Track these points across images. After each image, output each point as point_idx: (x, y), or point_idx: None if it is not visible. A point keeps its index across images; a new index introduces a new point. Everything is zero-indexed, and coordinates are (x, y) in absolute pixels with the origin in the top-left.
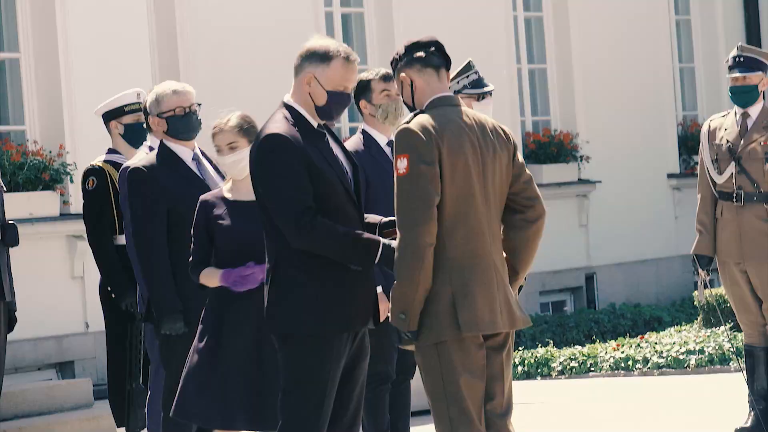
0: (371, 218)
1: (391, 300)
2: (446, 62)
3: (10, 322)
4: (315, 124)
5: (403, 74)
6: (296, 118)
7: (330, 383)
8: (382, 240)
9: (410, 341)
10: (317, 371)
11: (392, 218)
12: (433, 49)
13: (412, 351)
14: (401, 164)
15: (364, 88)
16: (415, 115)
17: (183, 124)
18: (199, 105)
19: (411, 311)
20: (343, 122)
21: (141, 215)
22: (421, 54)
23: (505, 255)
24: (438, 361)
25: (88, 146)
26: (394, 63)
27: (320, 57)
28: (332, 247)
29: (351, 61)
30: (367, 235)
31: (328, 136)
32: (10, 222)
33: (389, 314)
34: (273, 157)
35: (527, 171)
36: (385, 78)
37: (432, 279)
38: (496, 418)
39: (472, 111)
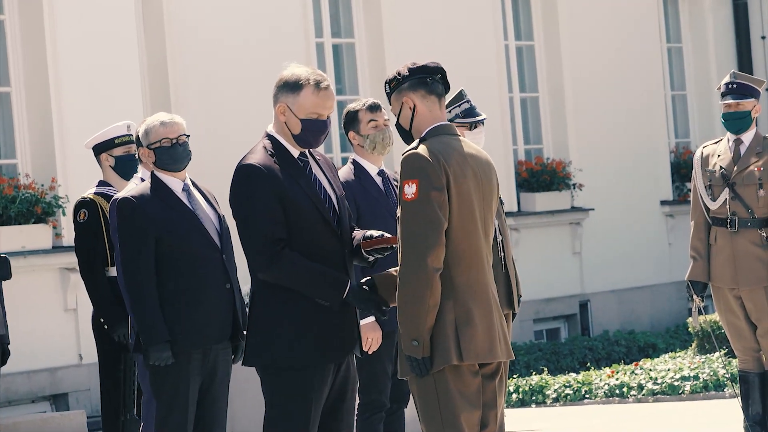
0: (357, 233)
1: (401, 326)
2: (447, 91)
3: (4, 356)
4: (296, 154)
5: (405, 97)
6: (276, 148)
7: (313, 414)
8: (350, 280)
9: (423, 368)
10: (300, 402)
11: (374, 231)
12: (439, 76)
13: (406, 379)
14: (409, 189)
15: (351, 119)
16: (420, 142)
17: (169, 155)
18: (188, 136)
19: (422, 336)
20: (335, 152)
21: (129, 245)
22: (427, 80)
23: None
24: (435, 388)
25: (80, 179)
26: (395, 83)
27: (291, 86)
28: (297, 282)
29: (322, 88)
30: (334, 272)
31: (313, 166)
32: (2, 255)
33: (402, 343)
34: (244, 187)
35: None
36: (372, 108)
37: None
38: None
39: (470, 142)
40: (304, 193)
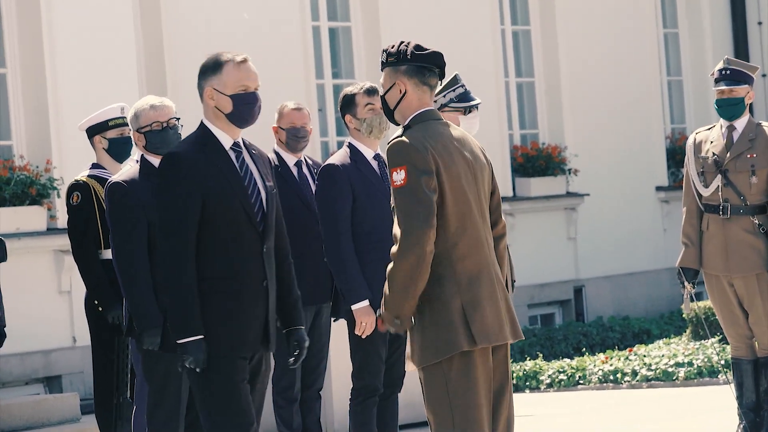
0: None
1: (387, 304)
2: (441, 80)
3: (0, 338)
4: (228, 144)
5: (398, 80)
6: (208, 137)
7: (243, 398)
8: (194, 337)
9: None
10: (229, 390)
11: None
12: (437, 70)
13: (400, 364)
14: (398, 176)
15: (349, 103)
16: (405, 129)
17: (160, 138)
18: (178, 119)
19: (405, 316)
20: (331, 135)
21: (121, 229)
22: (426, 71)
23: None
24: (443, 377)
25: (75, 161)
26: (394, 57)
27: (212, 68)
28: (168, 295)
29: (241, 62)
30: (193, 312)
31: (246, 157)
32: None
33: (383, 320)
34: (162, 180)
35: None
36: (369, 92)
37: (441, 291)
38: None
39: (455, 126)
40: (229, 186)
